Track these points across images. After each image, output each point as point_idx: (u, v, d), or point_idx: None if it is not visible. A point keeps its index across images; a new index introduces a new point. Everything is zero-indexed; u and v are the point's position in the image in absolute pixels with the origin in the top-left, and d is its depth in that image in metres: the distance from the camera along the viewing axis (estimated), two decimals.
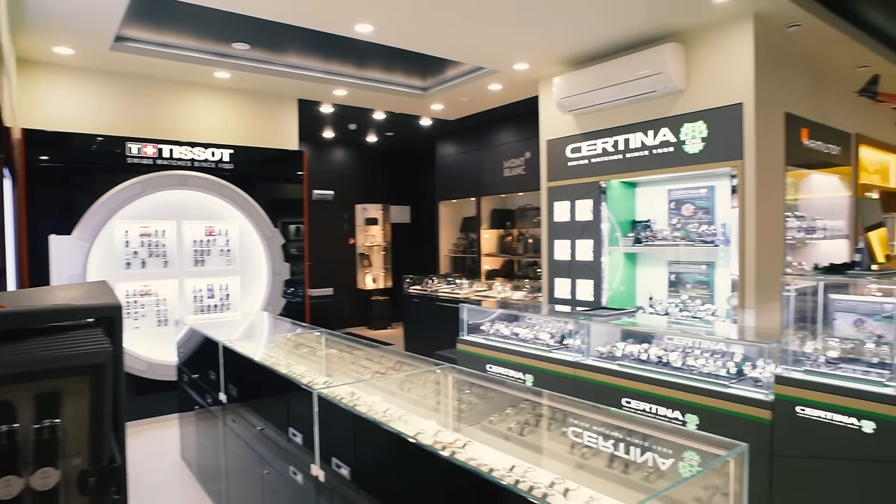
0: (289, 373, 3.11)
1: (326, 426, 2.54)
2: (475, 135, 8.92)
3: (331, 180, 10.47)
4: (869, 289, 3.44)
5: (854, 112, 5.85)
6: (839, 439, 2.80)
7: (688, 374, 3.39)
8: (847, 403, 2.77)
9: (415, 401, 2.79)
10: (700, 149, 4.46)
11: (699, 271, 4.69)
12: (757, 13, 4.21)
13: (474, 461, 2.03)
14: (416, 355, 3.19)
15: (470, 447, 2.30)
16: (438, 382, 2.85)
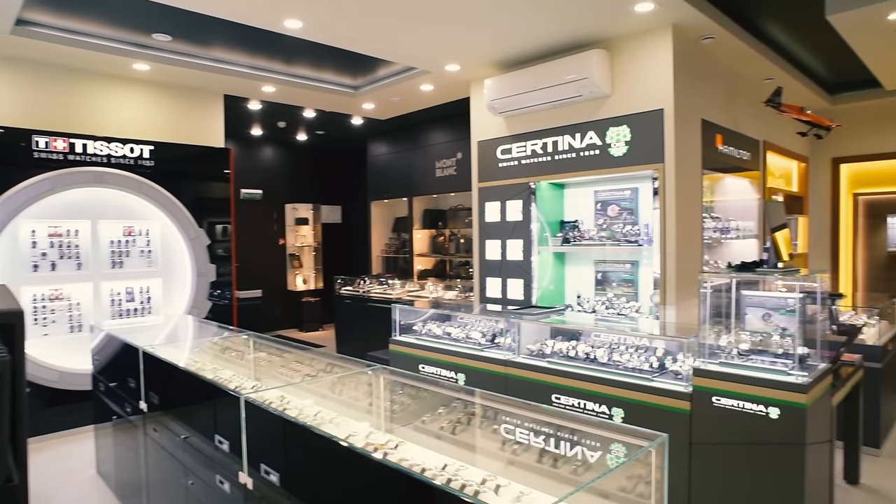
0: (215, 378, 3.00)
1: (255, 432, 2.46)
2: (407, 135, 8.91)
3: (259, 179, 10.18)
4: (775, 285, 3.69)
5: (761, 120, 6.25)
6: (749, 425, 2.98)
7: (613, 370, 3.52)
8: (756, 392, 2.95)
9: (347, 403, 2.75)
10: (624, 152, 4.64)
11: (624, 270, 4.88)
12: (675, 25, 4.42)
13: (406, 462, 2.02)
14: (347, 357, 3.15)
15: (402, 448, 2.29)
16: (370, 384, 2.82)
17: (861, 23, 4.81)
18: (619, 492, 1.95)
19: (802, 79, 6.56)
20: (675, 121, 4.41)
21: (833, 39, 5.22)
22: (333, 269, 9.88)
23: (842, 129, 7.28)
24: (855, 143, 7.71)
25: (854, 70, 6.29)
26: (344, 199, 11.35)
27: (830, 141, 7.63)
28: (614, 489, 1.95)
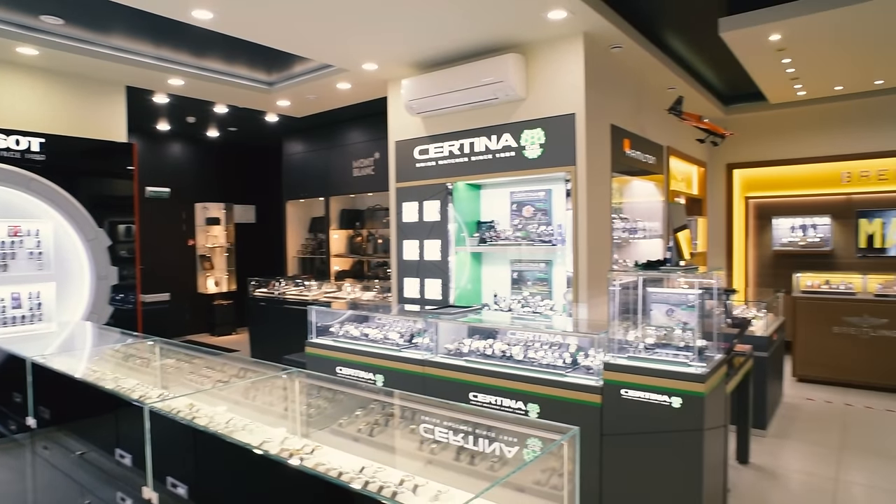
0: (116, 388, 2.81)
1: (161, 444, 2.33)
2: (324, 133, 8.75)
3: (167, 177, 9.66)
4: (678, 282, 3.92)
5: (665, 127, 6.62)
6: (654, 415, 3.15)
7: (529, 367, 3.61)
8: (660, 383, 3.13)
9: (260, 409, 2.66)
10: (539, 154, 4.78)
11: (539, 269, 5.03)
12: (586, 33, 4.60)
13: (323, 466, 1.98)
14: (262, 361, 3.05)
15: (319, 452, 2.24)
16: (286, 388, 2.75)
17: (747, 42, 5.22)
18: (535, 485, 2.00)
19: (701, 90, 7.03)
20: (586, 125, 4.59)
21: (727, 55, 5.63)
22: (247, 271, 9.53)
23: (735, 137, 7.87)
24: (746, 150, 8.34)
25: (745, 84, 6.81)
26: (258, 198, 10.99)
27: (725, 148, 8.22)
28: (529, 483, 2.00)
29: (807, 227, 8.03)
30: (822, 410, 5.64)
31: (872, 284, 6.49)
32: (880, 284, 6.47)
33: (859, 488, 3.99)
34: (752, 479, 4.13)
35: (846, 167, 7.76)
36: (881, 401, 5.89)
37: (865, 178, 7.66)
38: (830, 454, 4.55)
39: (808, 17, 4.64)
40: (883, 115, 7.41)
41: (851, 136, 7.63)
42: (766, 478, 4.17)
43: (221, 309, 10.25)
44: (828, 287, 6.74)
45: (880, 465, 4.34)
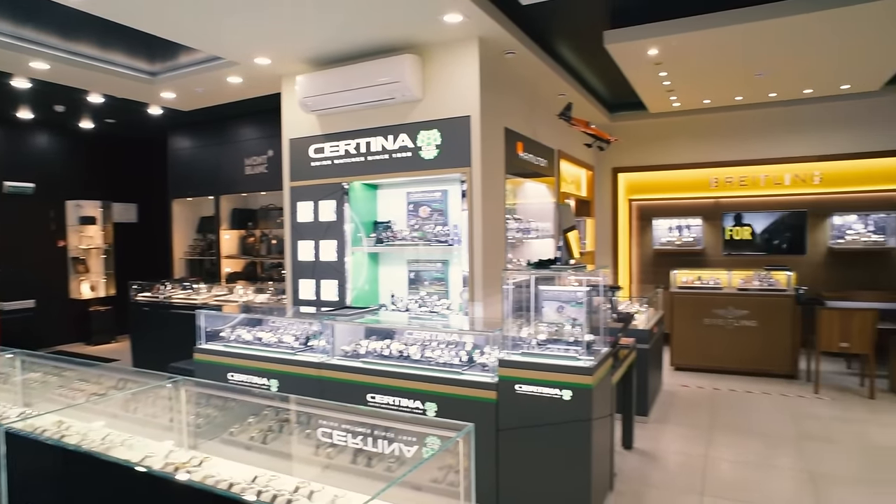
0: None
1: (21, 468, 2.11)
2: (214, 129, 8.32)
3: (31, 170, 8.77)
4: (569, 280, 4.11)
5: (556, 131, 6.93)
6: (547, 408, 3.28)
7: (426, 366, 3.64)
8: (552, 378, 3.27)
9: (143, 421, 2.49)
10: (435, 155, 4.83)
11: (436, 269, 5.08)
12: (481, 38, 4.71)
13: (212, 478, 1.89)
14: (145, 370, 2.85)
15: (208, 464, 2.13)
16: (171, 398, 2.59)
17: (629, 55, 5.58)
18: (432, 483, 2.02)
19: (589, 97, 7.42)
20: (481, 127, 4.70)
21: (612, 66, 5.98)
22: (128, 274, 8.86)
23: (619, 143, 8.38)
24: (629, 155, 8.90)
25: (628, 93, 7.27)
26: (140, 196, 10.26)
27: (611, 153, 8.73)
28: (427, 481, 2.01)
29: (682, 227, 8.71)
30: (695, 395, 6.14)
31: (736, 280, 7.17)
32: (742, 279, 7.15)
33: (726, 463, 4.39)
34: (636, 463, 4.41)
35: (714, 173, 8.50)
36: (743, 384, 6.51)
37: (729, 183, 8.44)
38: (702, 434, 4.97)
39: (680, 36, 5.04)
40: (743, 128, 8.20)
41: (717, 146, 8.38)
42: (648, 460, 4.47)
43: (99, 316, 9.46)
44: (700, 283, 7.34)
45: (743, 441, 4.79)
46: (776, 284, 6.93)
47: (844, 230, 7.86)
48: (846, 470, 4.25)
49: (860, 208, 7.81)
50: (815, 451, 4.60)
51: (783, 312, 6.65)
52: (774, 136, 8.08)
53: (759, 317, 6.75)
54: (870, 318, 5.89)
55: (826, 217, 7.96)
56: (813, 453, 4.55)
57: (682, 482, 4.08)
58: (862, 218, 7.78)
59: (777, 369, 6.71)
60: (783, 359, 6.68)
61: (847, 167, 7.84)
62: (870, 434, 4.96)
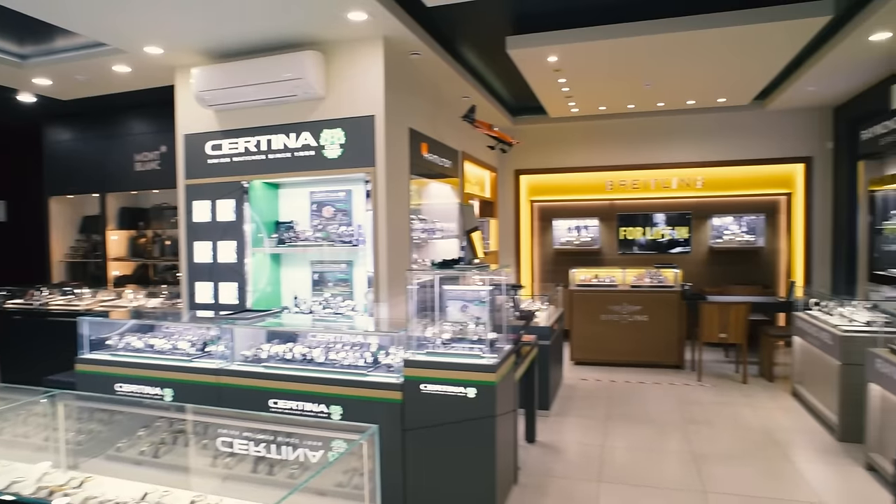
0: None
1: None
2: (99, 120, 7.72)
3: None
4: (472, 279, 4.18)
5: (460, 133, 7.03)
6: (452, 406, 3.32)
7: (331, 368, 3.58)
8: (457, 376, 3.31)
9: (11, 443, 2.27)
10: (338, 154, 4.75)
11: (340, 270, 5.00)
12: (386, 37, 4.69)
13: (95, 500, 1.75)
14: (16, 386, 2.60)
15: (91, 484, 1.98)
16: (47, 414, 2.37)
17: (530, 61, 5.78)
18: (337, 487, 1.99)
19: (492, 100, 7.59)
20: (385, 127, 4.68)
21: (514, 70, 6.15)
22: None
23: (521, 145, 8.64)
24: (531, 158, 9.20)
25: (529, 97, 7.52)
26: (10, 192, 9.32)
27: (513, 155, 8.99)
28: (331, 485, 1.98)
29: (580, 228, 9.13)
30: (594, 388, 6.46)
31: (629, 277, 7.60)
32: (635, 277, 7.59)
33: (621, 450, 4.64)
34: (539, 455, 4.57)
35: (609, 177, 8.98)
36: (637, 375, 6.92)
37: (623, 186, 8.94)
38: (599, 425, 5.23)
39: (577, 45, 5.28)
40: (635, 134, 8.72)
41: (612, 150, 8.85)
42: (550, 452, 4.64)
43: None
44: (597, 280, 7.72)
45: (636, 429, 5.09)
46: (665, 281, 7.43)
47: (722, 230, 8.56)
48: (723, 448, 4.63)
49: (735, 211, 8.54)
50: (698, 433, 4.98)
51: (671, 307, 7.14)
52: (662, 142, 8.66)
53: (650, 312, 7.20)
54: (743, 310, 6.45)
55: (707, 218, 8.63)
56: (696, 436, 4.92)
57: (581, 471, 4.27)
58: (737, 219, 8.52)
59: (666, 360, 7.19)
60: (671, 350, 7.16)
61: (724, 173, 8.54)
62: (743, 415, 5.44)
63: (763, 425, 5.17)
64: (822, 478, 4.12)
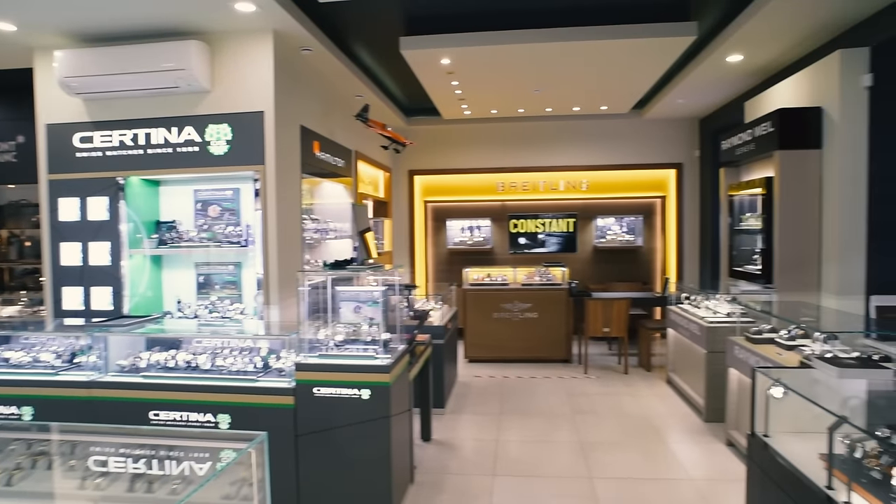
0: None
1: None
2: None
3: None
4: (366, 280, 4.15)
5: (353, 132, 6.95)
6: (346, 409, 3.28)
7: (218, 375, 3.41)
8: (350, 378, 3.27)
9: None
10: (225, 151, 4.53)
11: (227, 272, 4.77)
12: (276, 31, 4.53)
13: None
14: None
15: None
16: None
17: (423, 62, 5.82)
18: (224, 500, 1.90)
19: (386, 100, 7.57)
20: (275, 124, 4.52)
21: (408, 71, 6.17)
22: None
23: (415, 146, 8.70)
24: (425, 158, 9.28)
25: (423, 99, 7.57)
26: None
27: (407, 155, 9.02)
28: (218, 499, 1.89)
29: (473, 228, 9.33)
30: (487, 385, 6.62)
31: (520, 276, 7.88)
32: (525, 276, 7.88)
33: (514, 443, 4.80)
34: (435, 453, 4.61)
35: (501, 178, 9.26)
36: (528, 370, 7.18)
37: (514, 188, 9.25)
38: (493, 420, 5.37)
39: (470, 49, 5.39)
40: (525, 137, 9.06)
41: (504, 153, 9.14)
42: (445, 450, 4.70)
43: None
44: (489, 279, 7.93)
45: (528, 422, 5.29)
46: (553, 279, 7.77)
47: (605, 231, 9.10)
48: (607, 436, 4.92)
49: (617, 212, 9.11)
50: (585, 423, 5.25)
51: (559, 304, 7.48)
52: (551, 146, 9.05)
53: (539, 309, 7.49)
54: (624, 306, 6.89)
55: (592, 219, 9.14)
56: (583, 425, 5.19)
57: (476, 466, 4.36)
58: (618, 220, 9.09)
59: (555, 355, 7.52)
60: (560, 345, 7.50)
61: (607, 176, 9.09)
62: (624, 404, 5.81)
63: (642, 412, 5.56)
64: (690, 456, 4.50)
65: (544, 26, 5.15)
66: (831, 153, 4.74)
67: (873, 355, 3.29)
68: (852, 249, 4.62)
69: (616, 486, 3.99)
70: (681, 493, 3.88)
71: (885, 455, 2.18)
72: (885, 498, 2.04)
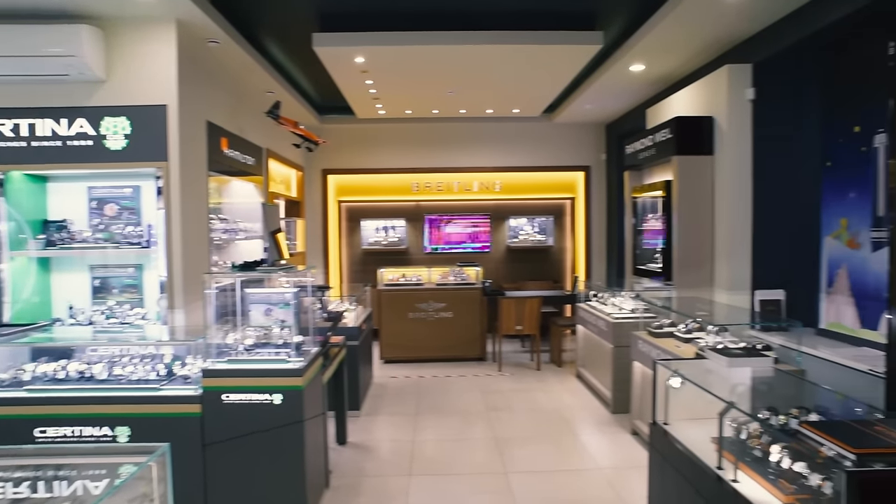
0: None
1: None
2: None
3: None
4: (278, 281, 4.03)
5: (264, 129, 6.73)
6: (258, 415, 3.17)
7: (115, 385, 3.19)
8: (261, 383, 3.17)
9: None
10: (124, 146, 4.24)
11: (127, 274, 4.47)
12: (180, 21, 4.31)
13: None
14: None
15: None
16: None
17: (337, 60, 5.73)
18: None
19: (298, 97, 7.38)
20: (179, 119, 4.30)
21: (321, 68, 6.05)
22: None
23: (329, 145, 8.55)
24: (339, 158, 9.14)
25: (337, 97, 7.44)
26: None
27: (320, 154, 8.85)
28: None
29: (388, 228, 9.29)
30: (403, 385, 6.61)
31: (435, 276, 7.93)
32: (440, 275, 7.94)
33: (430, 442, 4.82)
34: (351, 456, 4.55)
35: (415, 178, 9.28)
36: (444, 370, 7.24)
37: (429, 188, 9.30)
38: (409, 420, 5.37)
39: (383, 48, 5.36)
40: (439, 138, 9.13)
41: (418, 153, 9.16)
42: (361, 452, 4.65)
43: None
44: (404, 280, 7.92)
45: (444, 421, 5.33)
46: (467, 279, 7.87)
47: (518, 231, 9.34)
48: (521, 431, 5.06)
49: (529, 213, 9.37)
50: (499, 419, 5.37)
51: (473, 303, 7.59)
52: (465, 147, 9.18)
53: (454, 308, 7.57)
54: (536, 304, 7.10)
55: (505, 219, 9.35)
56: (497, 422, 5.29)
57: (393, 467, 4.35)
58: (530, 221, 9.36)
59: (470, 354, 7.63)
60: (474, 344, 7.61)
61: (519, 178, 9.33)
62: (537, 399, 5.99)
63: (553, 407, 5.75)
64: (599, 447, 4.70)
65: (459, 29, 5.21)
66: (721, 159, 5.11)
67: (757, 345, 3.58)
68: (740, 248, 5.00)
69: (529, 480, 4.11)
70: (590, 482, 4.05)
71: (765, 435, 2.38)
72: (764, 473, 2.22)
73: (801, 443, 1.99)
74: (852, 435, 1.87)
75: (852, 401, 2.66)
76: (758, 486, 2.18)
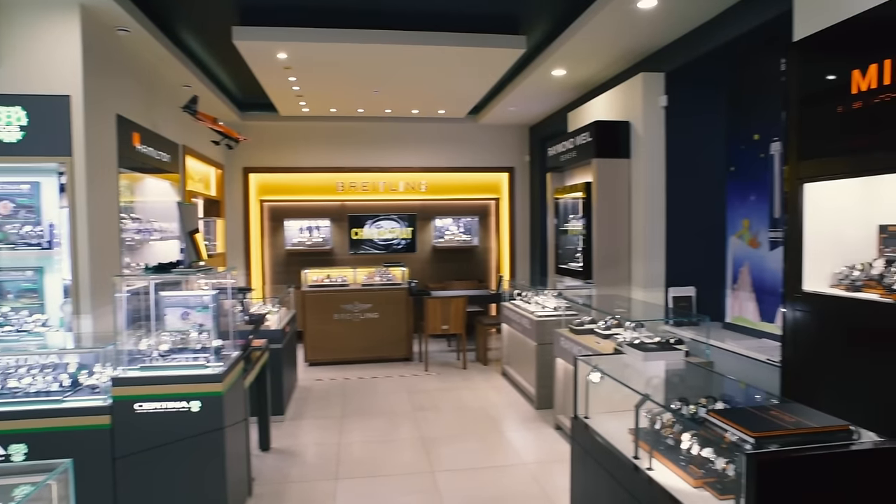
0: None
1: None
2: None
3: None
4: (195, 284, 3.85)
5: (181, 125, 6.43)
6: (174, 424, 3.02)
7: (10, 399, 2.95)
8: (178, 390, 3.02)
9: None
10: (19, 138, 3.92)
11: (25, 278, 4.13)
12: (84, 5, 4.04)
13: None
14: None
15: None
16: None
17: (258, 55, 5.56)
18: None
19: (218, 93, 7.10)
20: (84, 111, 4.03)
21: (242, 63, 5.84)
22: None
23: (249, 142, 8.28)
24: (261, 156, 8.87)
25: (259, 93, 7.22)
26: None
27: (241, 152, 8.55)
28: None
29: (312, 228, 9.10)
30: (329, 387, 6.50)
31: (360, 276, 7.85)
32: (366, 276, 7.87)
33: (357, 445, 4.76)
34: (275, 463, 4.42)
35: (340, 178, 9.15)
36: (370, 371, 7.17)
37: (354, 188, 9.20)
38: (335, 423, 5.28)
39: (307, 45, 5.25)
40: (365, 137, 9.04)
41: (343, 152, 9.04)
42: (286, 458, 4.52)
43: None
44: (329, 280, 7.79)
45: (370, 422, 5.28)
46: (393, 279, 7.84)
47: (444, 231, 9.39)
48: (447, 430, 5.09)
49: (454, 213, 9.45)
50: (426, 419, 5.38)
51: (399, 304, 7.57)
52: (390, 147, 9.14)
53: (380, 309, 7.52)
54: (462, 303, 7.17)
55: (430, 220, 9.38)
56: (424, 422, 5.30)
57: (319, 472, 4.26)
58: (456, 221, 9.43)
59: (397, 354, 7.60)
60: (401, 344, 7.59)
61: (445, 178, 9.39)
62: (463, 398, 6.05)
63: (479, 405, 5.82)
64: (524, 442, 4.80)
65: (384, 27, 5.18)
66: (637, 162, 5.35)
67: (670, 339, 3.77)
68: (655, 247, 5.25)
69: (456, 478, 4.14)
70: (515, 477, 4.13)
71: (677, 424, 2.51)
72: (676, 460, 2.35)
73: (709, 430, 2.11)
74: (751, 420, 2.01)
75: (753, 389, 2.85)
76: (671, 473, 2.30)
